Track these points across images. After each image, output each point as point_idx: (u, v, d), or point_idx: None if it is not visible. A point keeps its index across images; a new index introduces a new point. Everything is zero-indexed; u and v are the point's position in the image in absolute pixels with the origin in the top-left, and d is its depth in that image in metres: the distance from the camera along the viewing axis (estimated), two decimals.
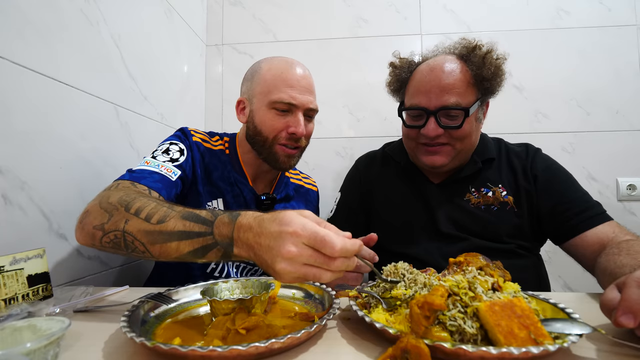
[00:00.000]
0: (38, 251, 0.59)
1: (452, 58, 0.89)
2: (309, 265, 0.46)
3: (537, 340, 0.39)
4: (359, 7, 1.54)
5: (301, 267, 0.46)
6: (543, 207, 0.88)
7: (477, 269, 0.52)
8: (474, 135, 0.89)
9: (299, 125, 0.86)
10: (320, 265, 0.46)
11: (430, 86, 0.86)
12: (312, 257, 0.46)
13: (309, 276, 0.46)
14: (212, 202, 0.90)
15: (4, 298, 0.53)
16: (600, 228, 0.80)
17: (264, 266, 0.48)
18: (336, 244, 0.45)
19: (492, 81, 0.87)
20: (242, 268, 0.96)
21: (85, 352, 0.46)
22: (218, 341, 0.46)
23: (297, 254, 0.45)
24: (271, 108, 0.87)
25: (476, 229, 0.88)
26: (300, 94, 0.87)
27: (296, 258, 0.45)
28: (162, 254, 0.55)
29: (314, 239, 0.45)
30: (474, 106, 0.86)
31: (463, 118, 0.84)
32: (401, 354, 0.38)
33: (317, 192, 1.14)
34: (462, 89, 0.85)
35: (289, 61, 0.91)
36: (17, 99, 0.70)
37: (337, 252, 0.45)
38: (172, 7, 1.32)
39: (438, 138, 0.86)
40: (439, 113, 0.85)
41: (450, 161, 0.89)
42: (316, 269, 0.46)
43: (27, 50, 0.72)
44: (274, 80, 0.87)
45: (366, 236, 0.73)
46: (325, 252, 0.45)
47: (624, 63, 1.40)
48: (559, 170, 0.92)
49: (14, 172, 0.69)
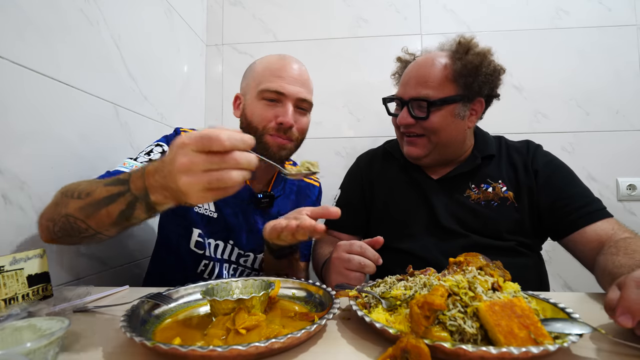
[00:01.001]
0: (38, 251, 0.59)
1: (442, 54, 0.90)
2: (210, 171, 0.46)
3: (537, 340, 0.39)
4: (359, 7, 1.54)
5: (202, 175, 0.45)
6: (543, 202, 0.88)
7: (477, 268, 0.52)
8: (450, 130, 0.89)
9: (287, 115, 0.84)
10: (220, 166, 0.46)
11: (408, 78, 0.91)
12: (206, 160, 0.45)
13: (213, 182, 0.46)
14: (202, 204, 0.89)
15: (4, 298, 0.53)
16: (599, 224, 0.80)
17: (177, 197, 0.49)
18: (221, 135, 0.45)
19: (474, 77, 0.86)
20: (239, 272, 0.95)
21: (85, 352, 0.46)
22: (218, 341, 0.46)
23: (190, 162, 0.45)
24: (261, 99, 0.86)
25: (476, 225, 0.88)
26: (289, 84, 0.85)
27: (191, 167, 0.45)
28: (100, 225, 0.58)
29: (200, 142, 0.45)
30: (447, 100, 0.86)
31: (427, 109, 0.86)
32: (401, 354, 0.38)
33: (320, 188, 1.12)
34: (436, 82, 0.87)
35: (282, 55, 0.91)
36: (17, 99, 0.70)
37: (227, 143, 0.45)
38: (172, 7, 1.32)
39: (411, 127, 0.90)
40: (412, 103, 0.88)
41: (427, 154, 0.91)
42: (218, 172, 0.46)
43: (27, 50, 0.72)
44: (264, 72, 0.87)
45: (372, 239, 0.73)
46: (215, 148, 0.45)
47: (624, 63, 1.40)
48: (559, 166, 0.92)
49: (14, 172, 0.69)
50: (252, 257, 0.95)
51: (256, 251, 0.95)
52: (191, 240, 0.89)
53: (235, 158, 0.47)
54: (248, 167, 0.49)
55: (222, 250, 0.92)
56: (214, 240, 0.91)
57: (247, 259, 0.95)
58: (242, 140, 0.48)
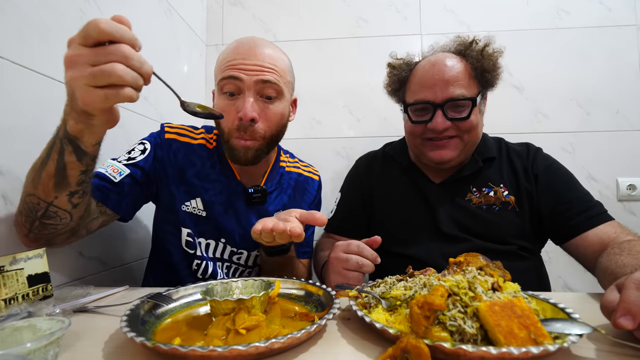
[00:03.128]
0: (38, 251, 0.59)
1: (451, 54, 0.90)
2: (99, 65, 0.45)
3: (537, 340, 0.39)
4: (358, 7, 1.54)
5: (86, 67, 0.45)
6: (544, 207, 0.87)
7: (477, 269, 0.52)
8: (479, 127, 0.90)
9: (244, 108, 0.73)
10: (105, 58, 0.44)
11: (435, 80, 0.86)
12: (90, 52, 0.44)
13: (97, 74, 0.44)
14: (189, 202, 0.85)
15: (4, 298, 0.53)
16: (601, 228, 0.79)
17: (76, 108, 0.50)
18: (100, 22, 0.44)
19: (492, 73, 0.88)
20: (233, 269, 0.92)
21: (85, 352, 0.46)
22: (218, 341, 0.46)
23: (73, 55, 0.45)
24: (221, 93, 0.77)
25: (478, 229, 0.88)
26: (243, 68, 0.73)
27: (75, 59, 0.45)
28: (46, 191, 0.57)
29: (81, 33, 0.45)
30: (478, 97, 0.87)
31: (470, 109, 0.85)
32: (401, 354, 0.38)
33: (319, 182, 1.05)
34: (465, 80, 0.86)
35: (243, 39, 0.80)
36: (17, 99, 0.70)
37: (106, 29, 0.44)
38: (172, 7, 1.32)
39: (446, 131, 0.86)
40: (446, 106, 0.85)
41: (458, 155, 0.89)
42: (105, 65, 0.44)
43: (27, 50, 0.72)
44: (220, 61, 0.78)
45: (370, 238, 0.73)
46: (94, 35, 0.44)
47: (624, 63, 1.40)
48: (559, 170, 0.91)
49: (14, 172, 0.69)
50: (245, 255, 0.91)
51: (250, 249, 0.91)
52: (182, 239, 0.86)
53: (120, 49, 0.45)
54: (139, 70, 0.47)
55: (214, 249, 0.88)
56: (204, 240, 0.87)
57: (240, 257, 0.91)
58: (126, 32, 0.46)
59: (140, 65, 0.47)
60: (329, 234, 1.07)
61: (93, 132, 0.54)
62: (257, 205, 0.89)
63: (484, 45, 0.88)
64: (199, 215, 0.86)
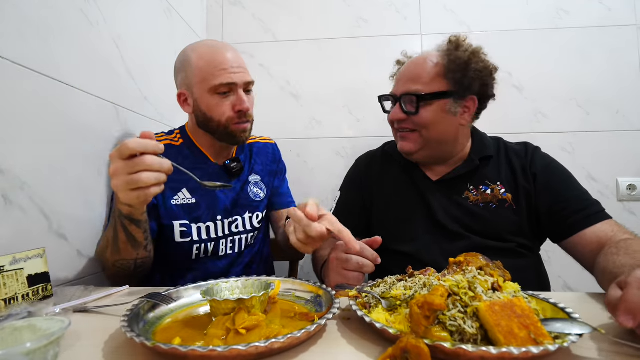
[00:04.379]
0: (38, 251, 0.59)
1: (435, 53, 0.92)
2: (130, 174, 0.60)
3: (537, 340, 0.39)
4: (359, 7, 1.54)
5: (123, 177, 0.60)
6: (542, 206, 0.88)
7: (477, 269, 0.52)
8: (441, 126, 0.90)
9: (243, 102, 0.91)
10: (133, 169, 0.60)
11: (401, 75, 0.95)
12: (125, 165, 0.60)
13: (131, 182, 0.60)
14: (177, 195, 0.94)
15: (4, 298, 0.53)
16: (599, 226, 0.80)
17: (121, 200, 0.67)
18: (128, 142, 0.59)
19: (463, 72, 0.87)
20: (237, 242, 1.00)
21: (85, 352, 0.46)
22: (218, 341, 0.46)
23: (114, 168, 0.60)
24: (214, 94, 0.91)
25: (475, 226, 0.89)
26: (234, 73, 0.91)
27: (115, 172, 0.60)
28: (128, 252, 0.78)
29: (118, 151, 0.60)
30: (437, 95, 0.88)
31: (417, 104, 0.88)
32: (401, 354, 0.38)
33: (275, 144, 1.18)
34: (427, 78, 0.89)
35: (214, 45, 0.94)
36: (17, 99, 0.70)
37: (134, 147, 0.59)
38: (172, 7, 1.32)
39: (403, 123, 0.92)
40: (403, 99, 0.90)
41: (419, 149, 0.92)
42: (135, 174, 0.60)
43: (27, 50, 0.72)
44: (208, 68, 0.91)
45: (370, 238, 0.73)
46: (127, 153, 0.59)
47: (624, 63, 1.40)
48: (558, 169, 0.92)
49: (14, 172, 0.69)
50: (240, 220, 1.01)
51: (241, 213, 1.01)
52: (175, 233, 0.92)
53: (144, 161, 0.60)
54: (160, 169, 0.62)
55: (215, 230, 0.97)
56: (203, 224, 0.95)
57: (237, 223, 1.00)
58: (150, 145, 0.61)
59: (160, 166, 0.62)
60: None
61: (138, 210, 0.72)
62: (237, 175, 1.03)
63: (456, 45, 0.89)
64: (189, 203, 0.95)
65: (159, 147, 0.62)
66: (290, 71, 1.56)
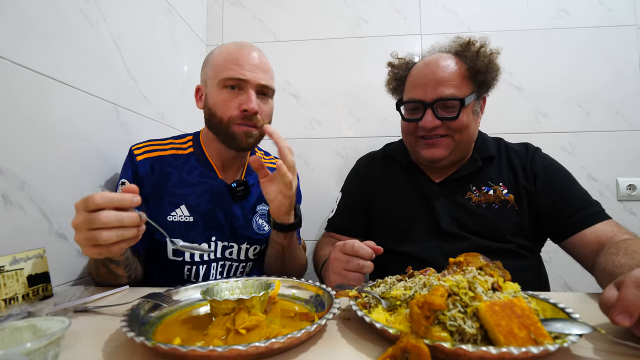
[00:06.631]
0: (38, 251, 0.59)
1: (447, 55, 0.91)
2: (90, 230, 0.53)
3: (537, 340, 0.39)
4: (359, 7, 1.54)
5: (84, 232, 0.54)
6: (542, 206, 0.88)
7: (477, 269, 0.52)
8: (471, 128, 0.90)
9: (250, 102, 0.83)
10: (92, 225, 0.53)
11: (427, 80, 0.89)
12: (86, 219, 0.53)
13: (90, 239, 0.54)
14: (174, 211, 0.87)
15: (4, 298, 0.53)
16: (598, 227, 0.80)
17: None
18: (95, 195, 0.53)
19: (486, 74, 0.89)
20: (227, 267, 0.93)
21: (85, 352, 0.46)
22: (218, 341, 0.46)
23: (76, 221, 0.54)
24: (222, 87, 0.85)
25: (478, 227, 0.89)
26: (249, 71, 0.85)
27: (77, 225, 0.54)
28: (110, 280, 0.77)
29: (82, 202, 0.54)
30: (469, 98, 0.87)
31: (459, 108, 0.86)
32: (401, 354, 0.38)
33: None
34: (457, 81, 0.87)
35: (241, 43, 0.90)
36: (17, 99, 0.70)
37: (98, 201, 0.53)
38: (172, 7, 1.32)
39: (436, 130, 0.88)
40: (436, 105, 0.87)
41: (449, 154, 0.90)
42: (94, 231, 0.53)
43: (27, 50, 0.72)
44: (223, 61, 0.86)
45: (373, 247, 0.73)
46: (90, 207, 0.53)
47: (624, 63, 1.40)
48: (558, 169, 0.92)
49: (14, 172, 0.69)
50: (236, 248, 0.93)
51: (239, 242, 0.93)
52: (167, 250, 0.87)
53: (100, 217, 0.53)
54: (119, 225, 0.54)
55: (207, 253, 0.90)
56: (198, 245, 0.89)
57: (231, 250, 0.93)
58: (119, 199, 0.55)
59: (120, 222, 0.54)
60: (329, 234, 1.08)
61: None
62: (241, 200, 0.94)
63: (480, 46, 0.89)
64: (186, 221, 0.88)
65: (133, 201, 0.56)
66: (291, 71, 1.56)
